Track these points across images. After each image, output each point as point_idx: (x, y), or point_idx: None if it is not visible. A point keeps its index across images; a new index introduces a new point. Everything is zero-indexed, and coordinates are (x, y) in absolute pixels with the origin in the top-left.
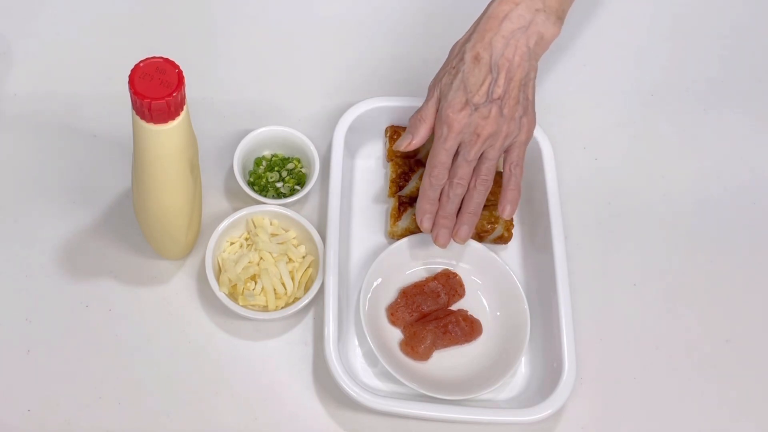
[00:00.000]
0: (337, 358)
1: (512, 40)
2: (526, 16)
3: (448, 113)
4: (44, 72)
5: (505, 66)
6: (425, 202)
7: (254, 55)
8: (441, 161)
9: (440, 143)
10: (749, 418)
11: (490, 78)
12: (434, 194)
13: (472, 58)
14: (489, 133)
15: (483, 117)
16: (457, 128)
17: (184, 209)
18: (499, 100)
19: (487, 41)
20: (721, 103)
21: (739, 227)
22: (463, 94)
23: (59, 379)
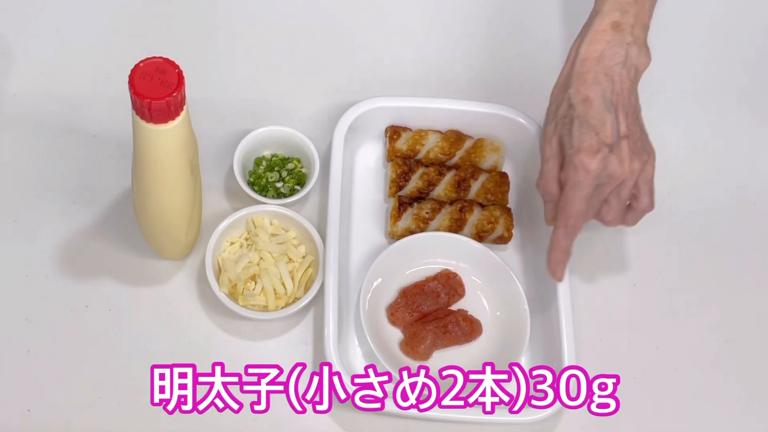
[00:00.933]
0: (337, 358)
1: (615, 76)
2: (620, 52)
3: (583, 158)
4: (44, 72)
5: (619, 102)
6: (560, 252)
7: (254, 55)
8: (579, 209)
9: (576, 191)
10: (749, 418)
11: (611, 117)
12: (568, 244)
13: (581, 101)
14: (623, 174)
15: (617, 157)
16: (594, 172)
17: (184, 209)
18: (626, 138)
19: (591, 82)
20: (721, 103)
21: (739, 227)
22: (593, 136)
23: (59, 379)
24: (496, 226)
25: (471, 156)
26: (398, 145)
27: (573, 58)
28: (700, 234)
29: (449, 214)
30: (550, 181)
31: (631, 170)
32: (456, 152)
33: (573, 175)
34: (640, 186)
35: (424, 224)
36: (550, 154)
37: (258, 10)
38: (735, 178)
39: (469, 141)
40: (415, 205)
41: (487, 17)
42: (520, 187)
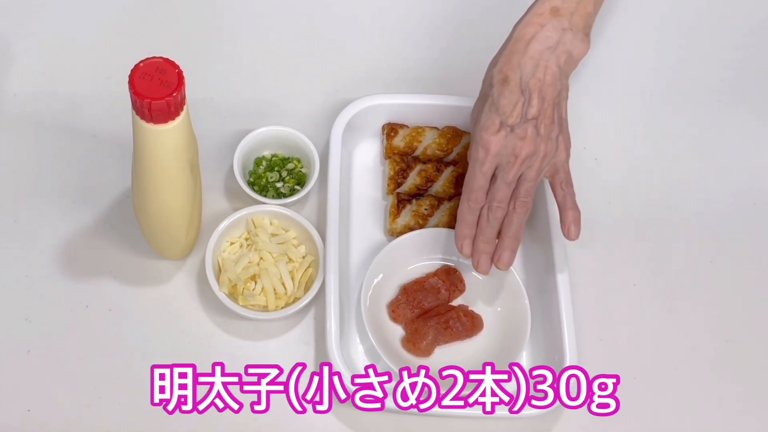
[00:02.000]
0: (339, 356)
1: (542, 60)
2: (553, 37)
3: (483, 135)
4: (44, 72)
5: (536, 87)
6: (464, 227)
7: (254, 55)
8: (479, 185)
9: (477, 167)
10: (749, 418)
11: (523, 99)
12: (473, 218)
13: (500, 81)
14: (527, 154)
15: (520, 138)
16: (494, 150)
17: (184, 209)
18: (534, 120)
19: (514, 63)
20: (721, 103)
21: (739, 227)
22: (497, 116)
23: (59, 379)
24: None
25: (468, 152)
26: (396, 143)
27: (508, 38)
28: (700, 234)
29: (448, 210)
30: None
31: (535, 152)
32: (453, 148)
33: (474, 152)
34: (557, 172)
35: (423, 220)
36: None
37: (257, 11)
38: (735, 178)
39: (467, 137)
40: (414, 201)
41: (482, 13)
42: None
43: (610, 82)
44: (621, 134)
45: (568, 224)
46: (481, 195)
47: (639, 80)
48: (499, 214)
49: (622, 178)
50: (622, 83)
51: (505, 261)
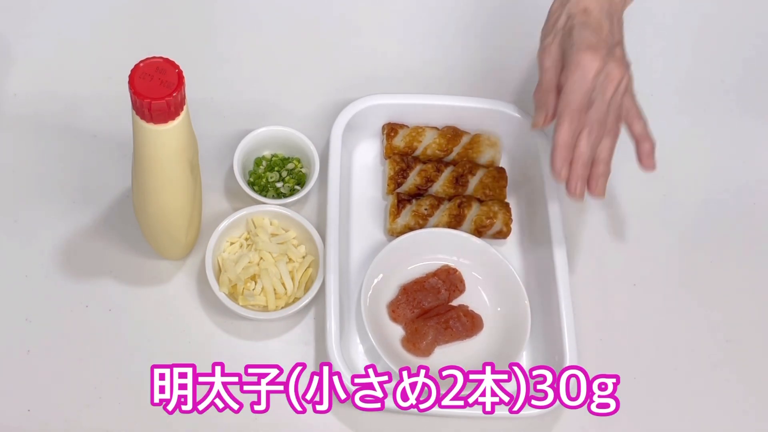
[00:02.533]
0: (339, 356)
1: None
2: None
3: (585, 53)
4: (44, 72)
5: (615, 14)
6: (563, 150)
7: (254, 55)
8: (581, 105)
9: (577, 86)
10: (749, 418)
11: (608, 24)
12: (571, 140)
13: (581, 11)
14: (621, 74)
15: (615, 59)
16: (596, 68)
17: (184, 209)
18: (620, 44)
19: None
20: (721, 103)
21: (739, 227)
22: (594, 36)
23: (59, 379)
24: (494, 221)
25: (468, 152)
26: (395, 143)
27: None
28: (700, 234)
29: (448, 210)
30: (549, 90)
31: (625, 73)
32: (453, 148)
33: (574, 72)
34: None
35: (423, 221)
36: (549, 64)
37: (257, 11)
38: (735, 178)
39: (466, 137)
40: (414, 201)
41: (482, 14)
42: (517, 182)
43: None
44: (621, 134)
45: (644, 156)
46: (582, 116)
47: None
48: (595, 137)
49: (622, 178)
50: None
51: (600, 188)
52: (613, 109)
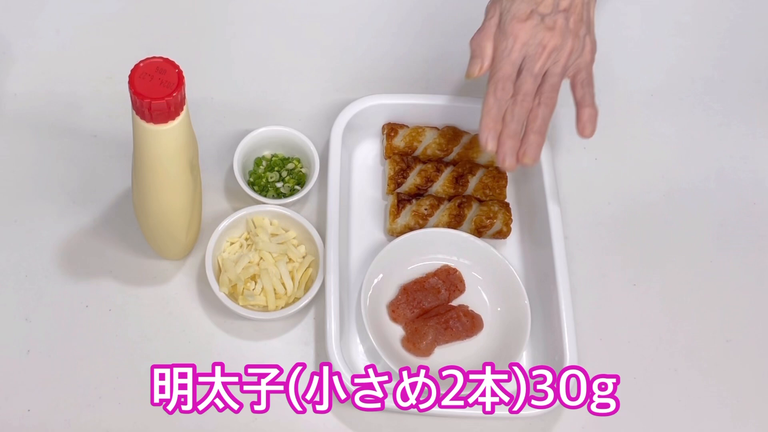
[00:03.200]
0: (339, 356)
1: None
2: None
3: (513, 23)
4: (44, 72)
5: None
6: (489, 120)
7: (254, 55)
8: (507, 74)
9: (505, 56)
10: (749, 418)
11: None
12: (498, 112)
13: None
14: (554, 46)
15: (549, 28)
16: (522, 38)
17: (184, 209)
18: (565, 12)
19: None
20: (721, 103)
21: (739, 227)
22: (529, 5)
23: (59, 379)
24: (494, 221)
25: (468, 152)
26: (395, 143)
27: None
28: (700, 234)
29: (448, 210)
30: (485, 38)
31: (562, 44)
32: (453, 148)
33: (501, 40)
34: (579, 72)
35: (423, 221)
36: (492, 15)
37: (257, 11)
38: (735, 178)
39: (466, 137)
40: (414, 201)
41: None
42: (517, 182)
43: (610, 82)
44: (621, 134)
45: (584, 121)
46: (508, 85)
47: (639, 80)
48: (525, 107)
49: (622, 178)
50: (623, 83)
51: (531, 155)
52: (549, 78)
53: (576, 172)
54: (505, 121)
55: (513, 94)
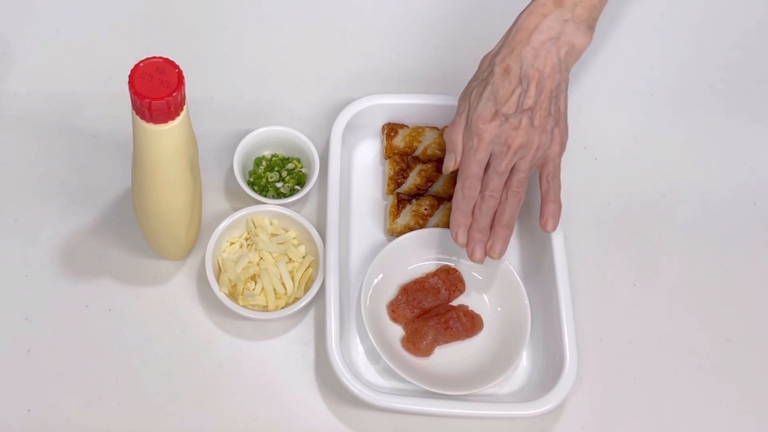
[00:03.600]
0: (339, 356)
1: (542, 50)
2: (555, 27)
3: (478, 124)
4: (44, 72)
5: (535, 77)
6: (458, 215)
7: (254, 55)
8: (473, 173)
9: (471, 155)
10: (749, 418)
11: (520, 89)
12: (467, 207)
13: (501, 71)
14: (520, 144)
15: (513, 128)
16: (487, 139)
17: (184, 209)
18: (530, 111)
19: (516, 53)
20: (721, 103)
21: (739, 227)
22: (493, 105)
23: (59, 379)
24: None
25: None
26: (395, 142)
27: (511, 27)
28: (700, 234)
29: (448, 210)
30: (456, 133)
31: (528, 142)
32: None
33: (468, 140)
34: (546, 163)
35: (423, 220)
36: (464, 109)
37: (257, 11)
38: (735, 178)
39: None
40: (414, 201)
41: (481, 13)
42: None
43: (610, 82)
44: (621, 134)
45: (546, 216)
46: (475, 183)
47: (639, 80)
48: (492, 203)
49: (622, 178)
50: (623, 83)
51: (497, 250)
52: (516, 173)
53: (576, 172)
54: (474, 216)
55: (481, 191)
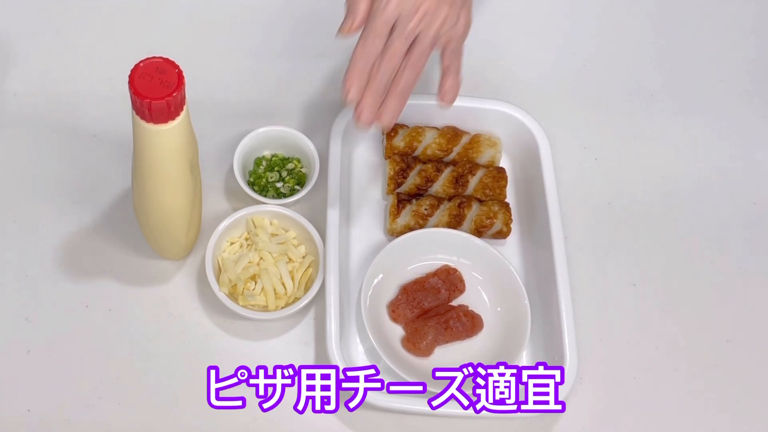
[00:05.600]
0: (339, 356)
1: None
2: None
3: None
4: (44, 72)
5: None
6: (354, 72)
7: (254, 55)
8: (378, 29)
9: (379, 11)
10: (749, 418)
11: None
12: (364, 65)
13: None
14: (428, 9)
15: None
16: None
17: (184, 209)
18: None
19: None
20: (720, 103)
21: (739, 227)
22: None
23: (59, 379)
24: (494, 221)
25: (468, 152)
26: (395, 142)
27: None
28: (700, 234)
29: (448, 210)
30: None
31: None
32: (453, 148)
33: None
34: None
35: (423, 221)
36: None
37: (257, 11)
38: (735, 178)
39: (466, 137)
40: (414, 201)
41: (482, 13)
42: (517, 182)
43: (610, 83)
44: (621, 134)
45: (444, 89)
46: (377, 41)
47: (639, 81)
48: (391, 66)
49: (622, 178)
50: (623, 84)
51: (387, 117)
52: (419, 43)
53: (576, 172)
54: (370, 76)
55: (382, 51)
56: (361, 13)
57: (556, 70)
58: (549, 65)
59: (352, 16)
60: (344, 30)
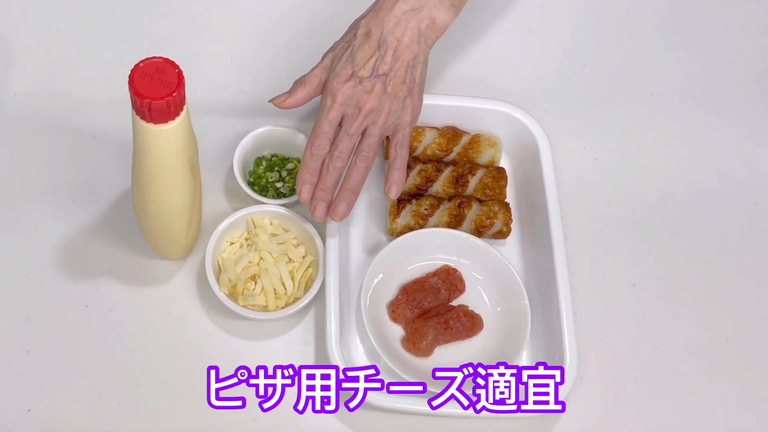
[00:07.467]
0: (339, 356)
1: (403, 20)
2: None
3: (334, 83)
4: (44, 72)
5: (393, 44)
6: (305, 172)
7: (254, 55)
8: (324, 131)
9: (324, 114)
10: (749, 418)
11: (378, 54)
12: (315, 165)
13: (363, 34)
14: (371, 108)
15: (366, 91)
16: (340, 99)
17: (184, 209)
18: (384, 77)
19: (379, 19)
20: (721, 103)
21: (739, 227)
22: (350, 67)
23: (59, 379)
24: (494, 221)
25: (468, 152)
26: None
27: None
28: (700, 234)
29: (448, 210)
30: (301, 84)
31: (378, 107)
32: (453, 148)
33: (323, 99)
34: (397, 132)
35: (423, 221)
36: (319, 66)
37: (258, 11)
38: (735, 178)
39: (466, 137)
40: (414, 201)
41: (482, 13)
42: (517, 182)
43: (610, 83)
44: (621, 134)
45: (390, 183)
46: (324, 142)
47: (639, 81)
48: (339, 165)
49: (622, 178)
50: (623, 84)
51: (339, 212)
52: (368, 137)
53: (576, 172)
54: (321, 174)
55: (330, 151)
56: (295, 97)
57: (556, 70)
58: (549, 65)
59: (286, 95)
60: (275, 102)
